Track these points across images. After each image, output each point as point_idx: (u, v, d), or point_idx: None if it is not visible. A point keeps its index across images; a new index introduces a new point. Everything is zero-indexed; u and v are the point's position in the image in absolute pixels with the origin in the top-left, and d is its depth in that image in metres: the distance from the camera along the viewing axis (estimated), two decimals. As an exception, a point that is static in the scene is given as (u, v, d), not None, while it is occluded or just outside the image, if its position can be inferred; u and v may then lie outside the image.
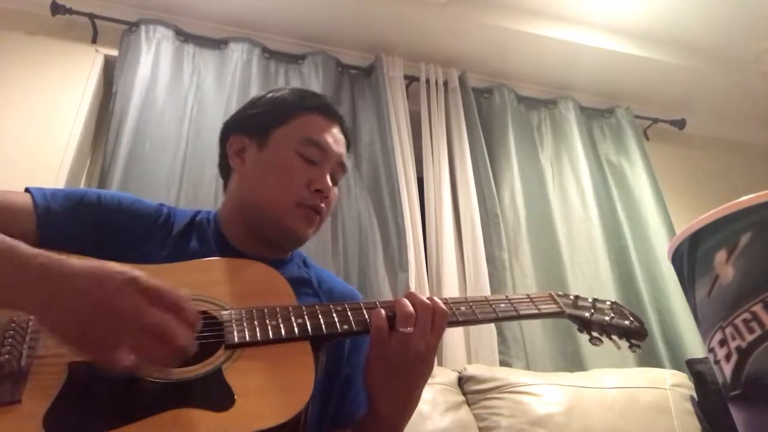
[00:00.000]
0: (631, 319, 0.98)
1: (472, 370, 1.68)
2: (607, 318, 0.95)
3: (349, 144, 1.08)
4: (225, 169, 1.04)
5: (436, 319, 0.80)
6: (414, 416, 0.87)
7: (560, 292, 0.98)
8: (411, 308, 0.79)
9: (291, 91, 1.04)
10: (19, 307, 0.62)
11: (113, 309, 0.59)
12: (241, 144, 1.00)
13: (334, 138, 1.01)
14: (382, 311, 0.79)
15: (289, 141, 0.97)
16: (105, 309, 0.58)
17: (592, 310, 0.96)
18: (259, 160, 0.97)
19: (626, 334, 0.96)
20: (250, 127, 1.01)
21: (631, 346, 0.95)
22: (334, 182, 1.00)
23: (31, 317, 0.67)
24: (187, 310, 0.62)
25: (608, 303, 1.01)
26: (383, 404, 0.82)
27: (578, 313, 0.94)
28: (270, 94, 1.04)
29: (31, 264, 0.60)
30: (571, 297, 0.98)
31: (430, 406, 1.49)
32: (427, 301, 0.80)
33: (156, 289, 0.61)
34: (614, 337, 0.95)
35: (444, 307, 0.81)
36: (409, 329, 0.77)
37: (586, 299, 0.99)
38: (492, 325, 1.87)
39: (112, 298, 0.59)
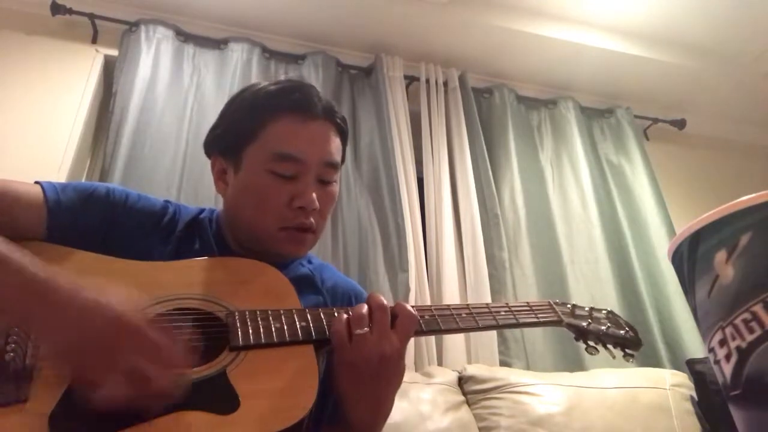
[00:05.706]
0: (627, 329, 1.00)
1: (472, 370, 1.68)
2: (603, 327, 0.97)
3: (344, 132, 0.97)
4: None
5: (398, 320, 0.76)
6: (414, 416, 0.86)
7: (558, 301, 1.00)
8: (365, 309, 0.76)
9: (257, 95, 0.93)
10: (11, 321, 0.65)
11: (89, 350, 0.59)
12: (221, 166, 0.95)
13: (313, 138, 0.90)
14: (344, 315, 0.76)
15: (260, 160, 0.89)
16: (83, 347, 0.59)
17: (589, 320, 0.98)
18: (237, 185, 0.92)
19: (621, 343, 0.97)
20: (224, 148, 0.95)
21: (625, 356, 0.96)
22: (326, 183, 0.92)
23: None
24: (168, 352, 0.61)
25: (604, 312, 1.03)
26: (351, 410, 0.78)
27: (576, 322, 0.96)
28: (239, 99, 0.95)
29: (27, 281, 0.62)
30: (569, 306, 0.99)
31: (431, 406, 1.48)
32: (384, 303, 0.77)
33: (138, 330, 0.60)
34: (609, 347, 0.97)
35: (410, 310, 0.78)
36: (365, 329, 0.74)
37: (583, 308, 1.00)
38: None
39: (91, 340, 0.59)
